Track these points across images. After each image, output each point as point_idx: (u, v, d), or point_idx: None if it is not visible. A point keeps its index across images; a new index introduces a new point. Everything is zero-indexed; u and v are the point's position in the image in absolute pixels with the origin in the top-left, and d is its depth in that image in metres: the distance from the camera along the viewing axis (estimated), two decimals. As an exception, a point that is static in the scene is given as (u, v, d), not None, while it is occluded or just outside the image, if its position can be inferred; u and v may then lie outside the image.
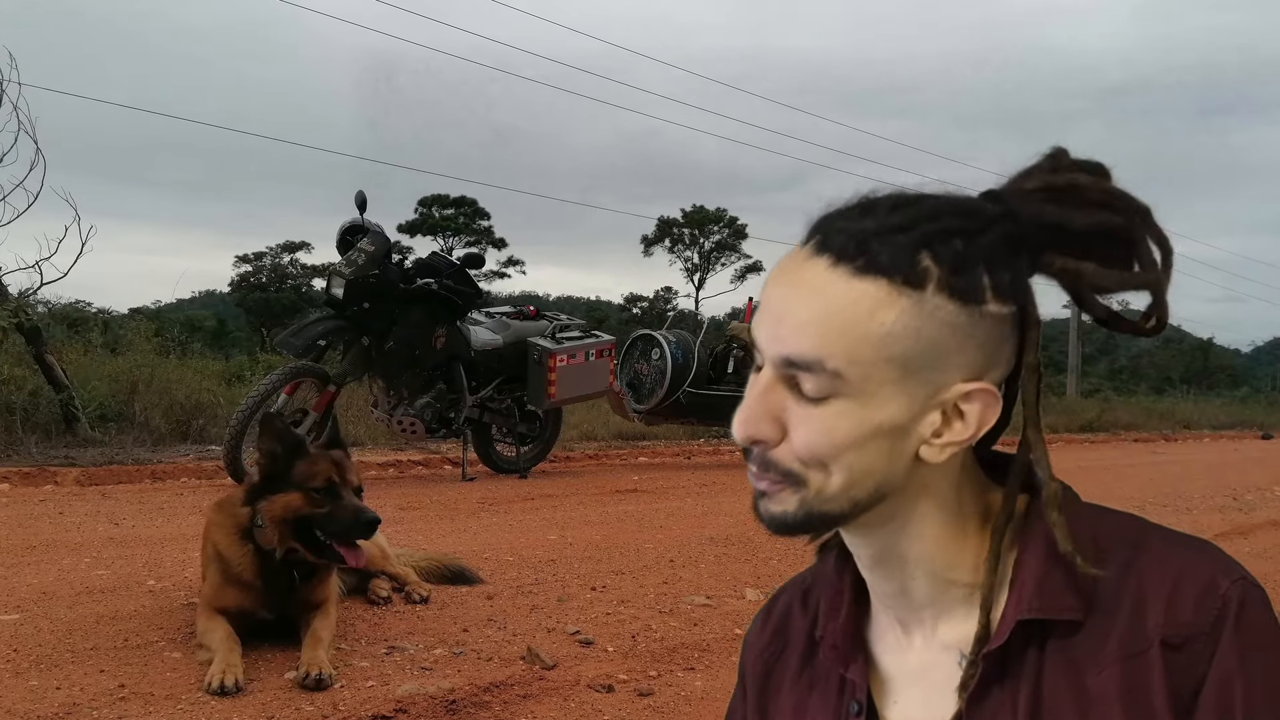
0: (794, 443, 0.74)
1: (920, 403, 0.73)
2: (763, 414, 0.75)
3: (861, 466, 0.74)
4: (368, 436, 8.50)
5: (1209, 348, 55.95)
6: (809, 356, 0.72)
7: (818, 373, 0.72)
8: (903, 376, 0.72)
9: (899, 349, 0.71)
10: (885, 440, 0.73)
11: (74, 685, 2.41)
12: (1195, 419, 23.13)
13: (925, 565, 0.79)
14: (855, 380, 0.72)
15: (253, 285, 45.46)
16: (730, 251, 50.74)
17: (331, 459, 2.75)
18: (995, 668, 0.76)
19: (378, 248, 6.20)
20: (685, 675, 2.75)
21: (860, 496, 0.75)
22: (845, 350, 0.71)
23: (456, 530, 4.88)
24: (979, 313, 0.72)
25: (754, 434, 0.75)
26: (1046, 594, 0.75)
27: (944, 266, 0.71)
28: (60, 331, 9.66)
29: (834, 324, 0.71)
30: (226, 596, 2.72)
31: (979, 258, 0.71)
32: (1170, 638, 0.71)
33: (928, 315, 0.71)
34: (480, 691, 2.50)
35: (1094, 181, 0.74)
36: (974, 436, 0.75)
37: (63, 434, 7.25)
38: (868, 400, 0.72)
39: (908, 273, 0.71)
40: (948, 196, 0.74)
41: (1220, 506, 7.10)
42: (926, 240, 0.71)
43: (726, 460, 9.66)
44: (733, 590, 3.77)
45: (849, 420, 0.72)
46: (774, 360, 0.74)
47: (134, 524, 4.68)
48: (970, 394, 0.74)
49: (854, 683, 0.84)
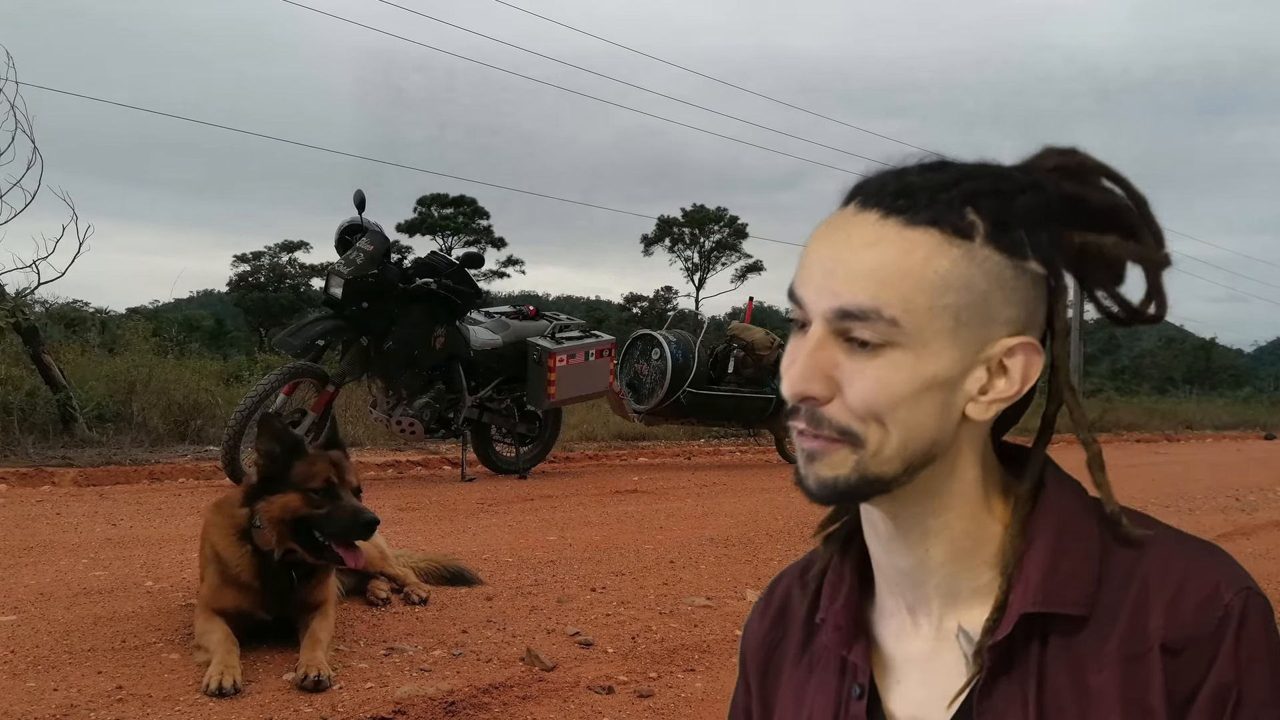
0: (849, 398, 0.74)
1: (970, 356, 0.74)
2: (814, 370, 0.74)
3: (916, 421, 0.74)
4: (366, 437, 8.50)
5: (1211, 347, 55.94)
6: (866, 305, 0.72)
7: (874, 321, 0.72)
8: (955, 327, 0.73)
9: (952, 297, 0.73)
10: (938, 394, 0.74)
11: (71, 687, 2.41)
12: (1198, 419, 23.14)
13: (946, 537, 0.79)
14: (910, 329, 0.72)
15: (251, 285, 45.45)
16: (731, 251, 50.74)
17: (330, 459, 2.75)
18: (1001, 660, 0.76)
19: (376, 247, 6.20)
20: (685, 677, 2.75)
21: (914, 456, 0.75)
22: (901, 298, 0.72)
23: (455, 531, 4.87)
24: (1022, 268, 0.74)
25: (806, 390, 0.74)
26: (1051, 588, 0.75)
27: (988, 221, 0.73)
28: (57, 331, 9.67)
29: (889, 272, 0.72)
30: (225, 598, 2.71)
31: (1018, 217, 0.74)
32: (1170, 642, 0.71)
33: (977, 265, 0.73)
34: (479, 693, 2.50)
35: (1103, 165, 0.78)
36: (1019, 393, 0.77)
37: (60, 434, 7.26)
38: (921, 351, 0.73)
39: (957, 224, 0.73)
40: (978, 163, 0.77)
41: (1223, 507, 7.10)
42: (970, 197, 0.73)
43: (727, 461, 9.66)
44: (733, 591, 3.77)
45: (904, 372, 0.73)
46: (826, 314, 0.74)
47: (132, 525, 4.68)
48: (1014, 349, 0.75)
49: (856, 665, 0.84)
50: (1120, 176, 0.78)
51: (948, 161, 0.77)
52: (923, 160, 0.77)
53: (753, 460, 9.90)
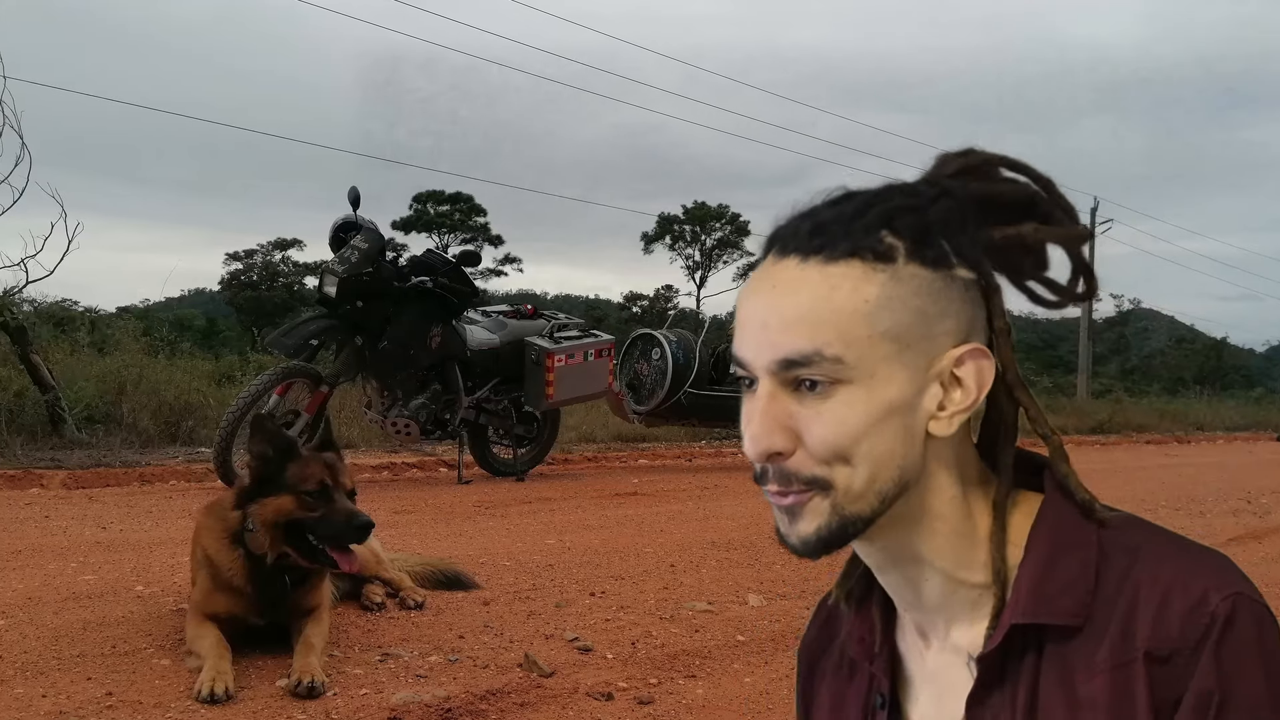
0: (810, 444, 0.75)
1: (920, 375, 0.76)
2: (772, 425, 0.76)
3: (881, 452, 0.75)
4: (361, 438, 8.50)
5: (1223, 347, 55.89)
6: (806, 350, 0.74)
7: (818, 363, 0.74)
8: (898, 351, 0.75)
9: (889, 321, 0.74)
10: (897, 419, 0.75)
11: (60, 693, 2.41)
12: (1208, 420, 23.13)
13: (937, 564, 0.81)
14: (855, 362, 0.74)
15: (243, 283, 45.45)
16: (732, 249, 50.72)
17: (324, 461, 2.75)
18: (994, 671, 0.78)
19: (371, 245, 6.20)
20: (686, 683, 2.75)
21: (886, 488, 0.76)
22: (839, 334, 0.74)
23: (452, 534, 4.88)
24: (951, 277, 0.76)
25: (769, 447, 0.76)
26: (1043, 599, 0.76)
27: (906, 239, 0.75)
28: (46, 331, 9.66)
29: (821, 312, 0.74)
30: (216, 602, 2.72)
31: (935, 228, 0.76)
32: (1155, 650, 0.72)
33: (906, 284, 0.75)
34: (476, 700, 2.50)
35: (1004, 158, 0.81)
36: (976, 400, 0.78)
37: (49, 436, 7.25)
38: (870, 381, 0.74)
39: (876, 249, 0.75)
40: (884, 185, 0.79)
41: (1234, 510, 7.10)
42: (883, 219, 0.75)
43: (728, 462, 9.66)
44: (735, 596, 3.77)
45: (858, 406, 0.75)
46: (769, 367, 0.76)
47: (122, 528, 4.68)
48: (962, 358, 0.77)
49: (877, 677, 0.88)
50: (1022, 164, 0.81)
51: (853, 191, 0.79)
52: (828, 196, 0.79)
53: (755, 462, 9.89)
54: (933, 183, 0.79)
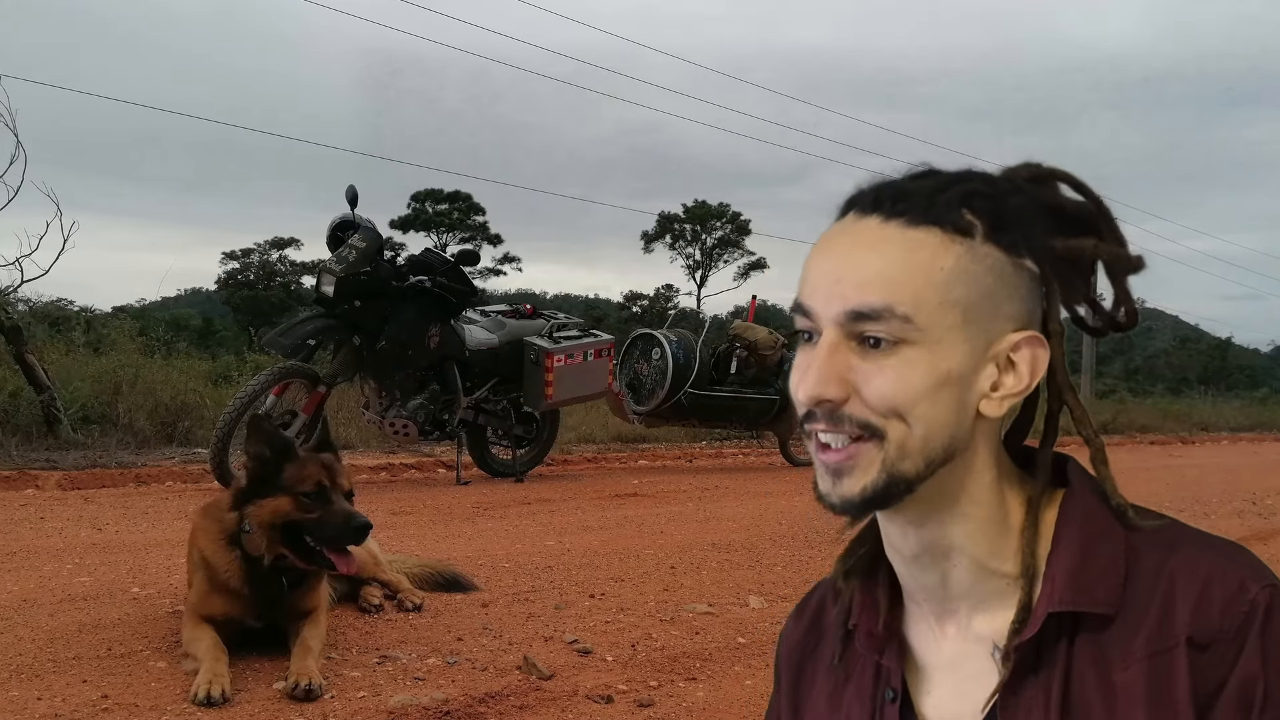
0: (867, 396, 0.77)
1: (980, 352, 0.78)
2: (830, 374, 0.77)
3: (935, 417, 0.77)
4: (359, 439, 8.50)
5: (1227, 347, 55.97)
6: (878, 304, 0.76)
7: (887, 319, 0.76)
8: (964, 322, 0.77)
9: (959, 292, 0.77)
10: (954, 389, 0.78)
11: (56, 696, 2.41)
12: (1213, 421, 23.13)
13: (969, 550, 0.82)
14: (923, 325, 0.76)
15: (240, 283, 45.47)
16: (733, 248, 50.77)
17: (321, 462, 2.75)
18: (1028, 659, 0.79)
19: (369, 244, 6.20)
20: (687, 685, 2.75)
21: (935, 453, 0.78)
22: (912, 294, 0.76)
23: (450, 536, 4.88)
24: (1020, 265, 0.79)
25: (822, 392, 0.77)
26: (1078, 587, 0.78)
27: (985, 220, 0.78)
28: (42, 331, 9.66)
29: (898, 271, 0.76)
30: (213, 604, 2.72)
31: (1011, 217, 0.79)
32: (1196, 637, 0.74)
33: (980, 261, 0.78)
34: (475, 702, 2.50)
35: (1068, 174, 0.83)
36: (1029, 387, 0.80)
37: (44, 436, 7.26)
38: (935, 347, 0.76)
39: (957, 222, 0.78)
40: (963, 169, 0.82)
41: (1239, 511, 7.10)
42: (965, 198, 0.78)
43: (729, 463, 9.67)
44: (736, 598, 3.77)
45: (919, 368, 0.76)
46: (837, 318, 0.77)
47: (117, 529, 4.68)
48: (1020, 343, 0.79)
49: (889, 669, 0.88)
50: (1083, 184, 0.83)
51: (935, 169, 0.81)
52: (911, 170, 0.82)
53: (756, 463, 9.90)
54: (1008, 180, 0.82)
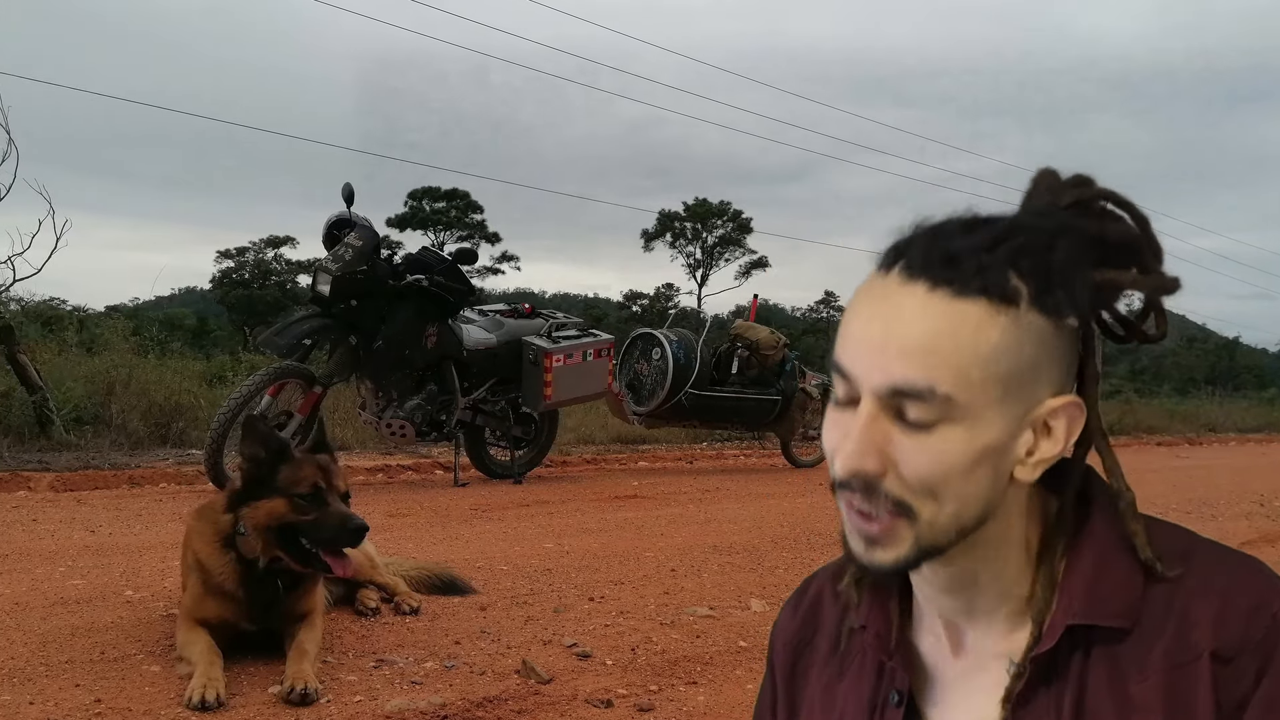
0: (905, 473, 0.76)
1: (1018, 421, 0.77)
2: (869, 447, 0.77)
3: (969, 492, 0.77)
4: (355, 440, 8.50)
5: (1235, 347, 55.96)
6: (920, 384, 0.74)
7: (929, 400, 0.75)
8: (1004, 396, 0.76)
9: (1004, 367, 0.75)
10: (990, 462, 0.77)
11: (48, 700, 2.41)
12: (1221, 422, 23.12)
13: (996, 585, 0.83)
14: (964, 403, 0.75)
15: (235, 282, 45.46)
16: (734, 246, 50.76)
17: (317, 464, 2.75)
18: (1042, 672, 0.80)
19: (366, 243, 6.20)
20: (687, 689, 2.75)
21: (967, 524, 0.78)
22: (955, 374, 0.74)
23: (448, 538, 4.88)
24: (1061, 325, 0.77)
25: (861, 467, 0.77)
26: (1095, 601, 0.79)
27: (1030, 284, 0.75)
28: (34, 330, 9.68)
29: (943, 348, 0.74)
30: (207, 607, 2.72)
31: (1057, 275, 0.76)
32: (1221, 650, 0.74)
33: (1024, 331, 0.75)
34: (473, 706, 2.50)
35: (1112, 193, 0.81)
36: (1063, 451, 0.80)
37: (36, 437, 7.25)
38: (974, 424, 0.75)
39: (1004, 290, 0.75)
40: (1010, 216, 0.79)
41: (1247, 513, 7.10)
42: (1012, 258, 0.75)
43: (730, 465, 9.67)
44: (737, 601, 3.77)
45: (959, 445, 0.75)
46: (878, 390, 0.76)
47: (111, 531, 4.69)
48: (1058, 410, 0.78)
49: (895, 670, 0.88)
50: (1126, 201, 0.81)
51: (982, 218, 0.79)
52: (959, 218, 0.79)
53: (757, 464, 9.91)
54: (1050, 214, 0.79)
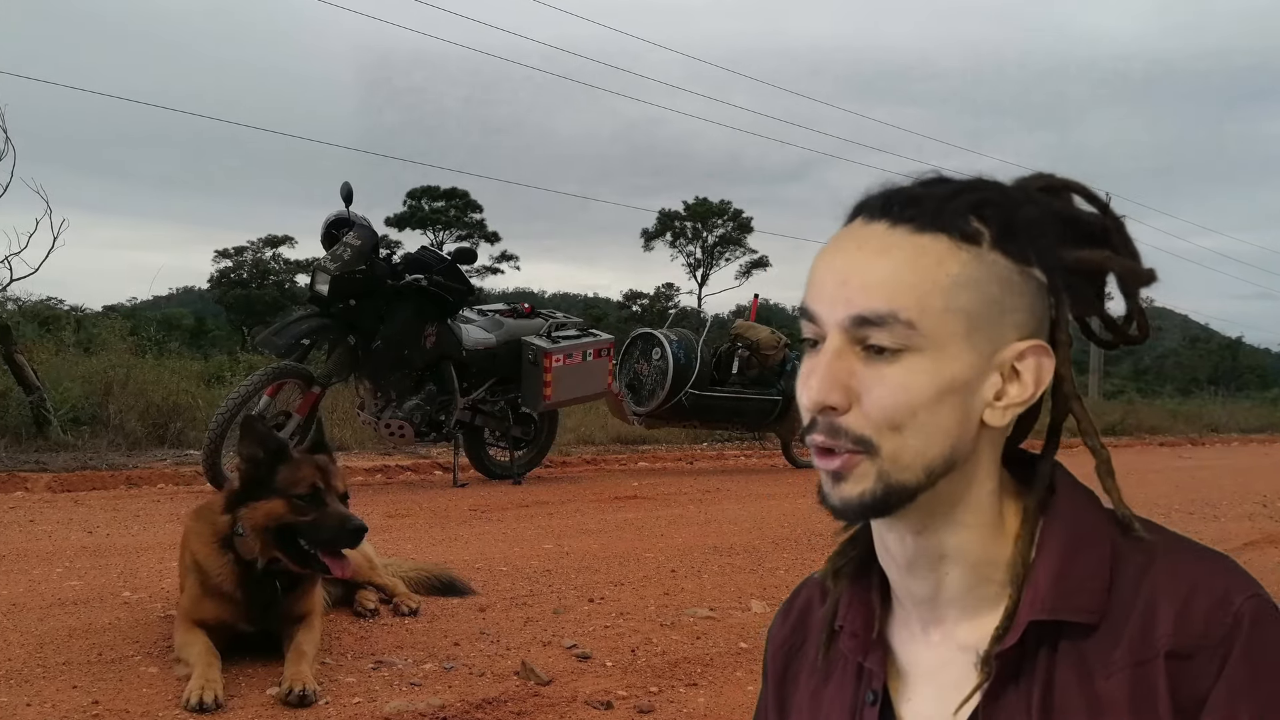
0: (867, 406, 0.78)
1: (984, 360, 0.79)
2: (833, 380, 0.78)
3: (936, 426, 0.78)
4: (354, 440, 8.50)
5: (1238, 347, 55.98)
6: (882, 310, 0.76)
7: (891, 325, 0.76)
8: (969, 330, 0.78)
9: (965, 299, 0.77)
10: (957, 398, 0.78)
11: (45, 702, 2.41)
12: (1223, 422, 23.13)
13: (963, 558, 0.83)
14: (927, 331, 0.77)
15: (233, 281, 45.47)
16: (735, 246, 50.76)
17: (316, 464, 2.75)
18: (1010, 667, 0.80)
19: (364, 242, 6.20)
20: (688, 691, 2.75)
21: (935, 463, 0.79)
22: (917, 300, 0.76)
23: (447, 539, 4.88)
24: (1027, 274, 0.80)
25: (825, 399, 0.78)
26: (1061, 595, 0.79)
27: (993, 228, 0.79)
28: (31, 330, 9.67)
29: (904, 276, 0.77)
30: (205, 608, 2.72)
31: (1021, 225, 0.79)
32: (1177, 648, 0.74)
33: (987, 268, 0.78)
34: (472, 708, 2.50)
35: (1083, 186, 0.85)
36: (1033, 396, 0.81)
37: (33, 438, 7.25)
38: (938, 354, 0.77)
39: (965, 229, 0.78)
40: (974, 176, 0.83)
41: (1250, 514, 7.10)
42: (974, 205, 0.79)
43: (731, 465, 9.67)
44: (737, 602, 3.77)
45: (922, 376, 0.77)
46: (842, 323, 0.78)
47: (108, 532, 4.69)
48: (1025, 352, 0.80)
49: (871, 671, 0.88)
50: (1097, 197, 0.85)
51: (946, 176, 0.82)
52: (920, 177, 0.82)
53: (758, 465, 9.91)
54: (1021, 189, 0.83)
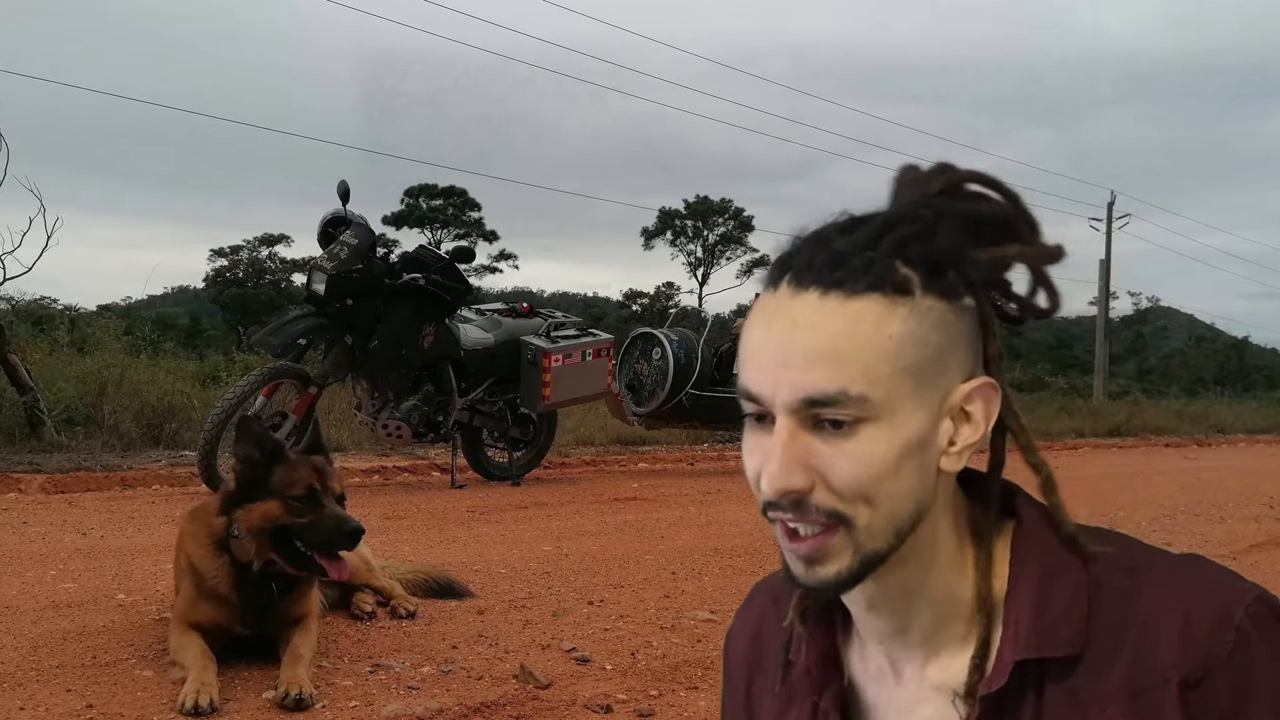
0: (834, 483, 0.76)
1: (934, 411, 0.77)
2: (793, 464, 0.76)
3: (901, 490, 0.77)
4: (351, 441, 8.50)
5: (1244, 347, 55.96)
6: (830, 390, 0.74)
7: (843, 403, 0.75)
8: (917, 387, 0.76)
9: (910, 357, 0.76)
10: (916, 457, 0.77)
11: (39, 705, 2.41)
12: (1230, 423, 23.12)
13: (930, 597, 0.82)
14: (879, 400, 0.75)
15: (229, 281, 45.48)
16: (736, 245, 50.78)
17: (312, 465, 2.75)
18: (992, 709, 0.78)
19: (361, 241, 6.20)
20: (688, 695, 2.75)
21: (903, 525, 0.78)
22: (864, 372, 0.74)
23: (445, 541, 4.88)
24: (960, 308, 0.78)
25: (788, 485, 0.76)
26: (1042, 631, 0.77)
27: (920, 270, 0.76)
28: (24, 330, 9.68)
29: (846, 350, 0.75)
30: (201, 611, 2.72)
31: (943, 257, 0.77)
32: (1189, 675, 0.73)
33: (924, 317, 0.76)
34: (470, 712, 2.50)
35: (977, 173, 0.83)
36: (984, 435, 0.80)
37: (27, 438, 7.25)
38: (892, 419, 0.75)
39: (895, 281, 0.76)
40: (886, 211, 0.80)
41: (1256, 515, 7.10)
42: (897, 249, 0.77)
43: (731, 466, 9.67)
44: (738, 605, 3.76)
45: (881, 445, 0.75)
46: (790, 405, 0.76)
47: (103, 534, 4.69)
48: (971, 393, 0.79)
49: (826, 712, 0.87)
50: (993, 179, 0.83)
51: (859, 216, 0.80)
52: (835, 221, 0.80)
53: (759, 466, 9.89)
54: (925, 204, 0.80)
